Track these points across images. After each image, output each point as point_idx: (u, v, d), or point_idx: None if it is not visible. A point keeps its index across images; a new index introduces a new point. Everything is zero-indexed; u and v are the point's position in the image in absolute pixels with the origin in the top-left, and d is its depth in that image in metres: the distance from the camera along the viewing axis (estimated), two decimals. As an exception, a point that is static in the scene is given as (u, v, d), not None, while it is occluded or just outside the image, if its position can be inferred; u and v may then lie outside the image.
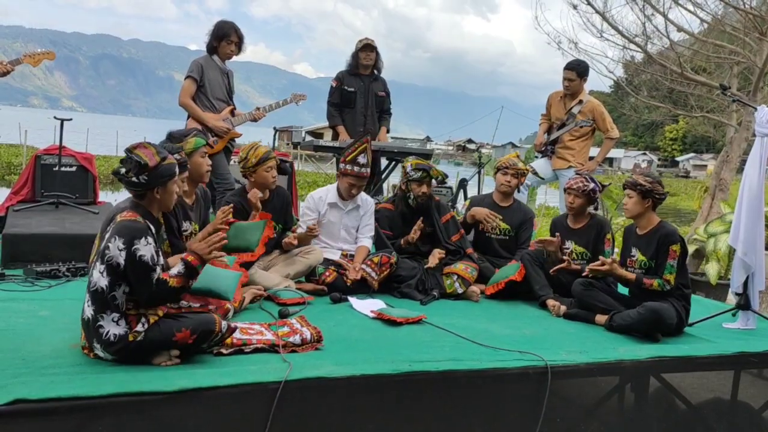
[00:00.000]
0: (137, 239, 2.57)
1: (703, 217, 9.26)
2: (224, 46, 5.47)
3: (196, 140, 3.76)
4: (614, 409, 3.50)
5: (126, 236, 2.57)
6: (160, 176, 2.73)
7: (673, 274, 3.87)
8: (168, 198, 2.82)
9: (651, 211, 4.01)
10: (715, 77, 11.48)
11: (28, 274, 4.10)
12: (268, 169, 4.26)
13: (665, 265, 3.88)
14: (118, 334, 2.59)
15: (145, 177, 2.69)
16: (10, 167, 21.13)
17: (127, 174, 2.69)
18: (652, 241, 3.96)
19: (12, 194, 5.90)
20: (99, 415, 2.31)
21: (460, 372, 2.96)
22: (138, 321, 2.63)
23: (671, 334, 3.85)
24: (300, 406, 2.63)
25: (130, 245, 2.56)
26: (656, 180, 4.02)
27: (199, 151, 3.73)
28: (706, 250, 6.73)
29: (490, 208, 5.00)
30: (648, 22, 9.98)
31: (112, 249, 2.57)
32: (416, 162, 4.73)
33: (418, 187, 4.68)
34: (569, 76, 6.17)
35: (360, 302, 4.07)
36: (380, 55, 6.60)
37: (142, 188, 2.72)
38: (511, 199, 5.09)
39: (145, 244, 2.59)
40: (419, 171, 4.65)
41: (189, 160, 3.64)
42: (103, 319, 2.58)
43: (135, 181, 2.70)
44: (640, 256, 4.01)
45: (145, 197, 2.76)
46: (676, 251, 3.88)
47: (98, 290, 2.59)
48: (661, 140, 76.12)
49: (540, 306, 4.42)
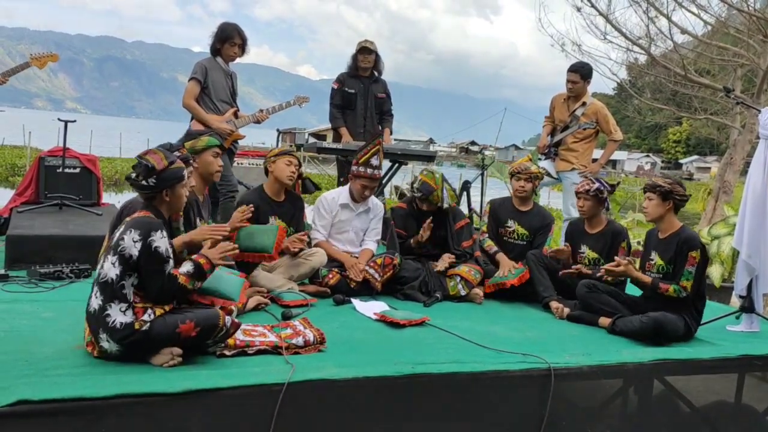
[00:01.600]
0: (153, 232, 2.69)
1: (706, 220, 9.25)
2: (228, 48, 5.48)
3: (209, 139, 3.83)
4: (618, 411, 3.50)
5: (142, 229, 2.69)
6: (168, 179, 2.87)
7: (691, 281, 3.79)
8: (177, 201, 2.96)
9: (672, 214, 3.93)
10: (719, 79, 11.47)
11: (32, 276, 4.11)
12: (287, 163, 4.33)
13: (683, 271, 3.81)
14: (125, 323, 2.62)
15: (153, 180, 2.84)
16: (14, 169, 21.20)
17: (137, 178, 2.84)
18: (671, 245, 3.90)
19: (16, 195, 5.92)
20: (102, 416, 2.31)
21: (463, 374, 2.95)
22: (144, 312, 2.68)
23: (676, 341, 3.80)
24: (303, 407, 2.63)
25: (146, 237, 2.67)
26: (676, 181, 3.95)
27: (210, 150, 3.79)
28: (709, 252, 6.72)
29: (509, 212, 4.96)
30: (652, 24, 10.00)
31: (126, 240, 2.66)
32: (422, 182, 4.70)
33: (420, 202, 4.74)
34: (573, 78, 6.16)
35: (363, 304, 4.07)
36: (380, 57, 6.60)
37: (152, 191, 2.87)
38: (531, 203, 5.04)
39: (161, 237, 2.71)
40: (419, 192, 4.69)
41: (199, 158, 3.69)
42: (110, 308, 2.63)
43: (145, 185, 2.84)
44: (658, 260, 3.96)
45: (155, 199, 2.90)
46: (695, 258, 3.80)
47: (108, 281, 2.64)
48: (664, 142, 76.05)
49: (543, 308, 4.41)
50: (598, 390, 3.46)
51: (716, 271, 6.46)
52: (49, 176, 5.83)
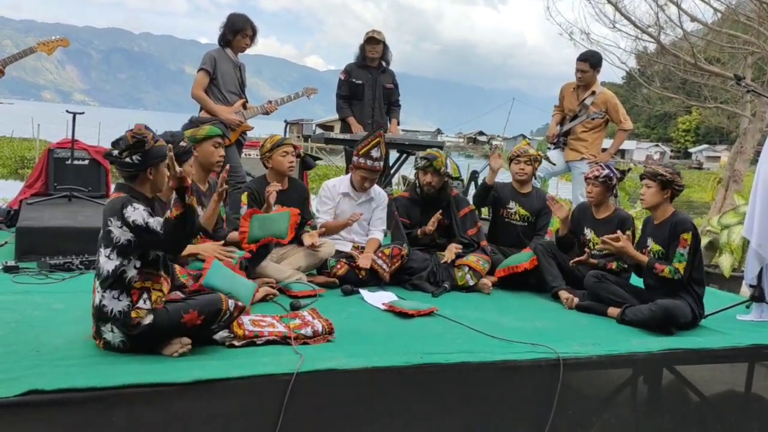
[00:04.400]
0: (125, 209, 2.61)
1: (716, 209, 9.21)
2: (239, 39, 5.49)
3: (211, 128, 3.80)
4: (627, 401, 3.49)
5: (117, 213, 2.62)
6: (153, 156, 2.76)
7: (683, 263, 3.81)
8: (160, 179, 2.83)
9: (668, 203, 3.97)
10: (729, 67, 11.38)
11: (42, 267, 4.13)
12: (283, 154, 4.31)
13: (675, 253, 3.84)
14: (122, 311, 2.63)
15: (139, 157, 2.73)
16: (24, 161, 21.29)
17: (121, 155, 2.73)
18: (665, 230, 3.93)
19: (26, 188, 5.95)
20: (112, 406, 2.32)
21: (472, 364, 2.95)
22: (140, 297, 2.66)
23: (685, 328, 3.82)
24: (312, 397, 2.63)
25: (123, 218, 2.61)
26: (676, 172, 3.98)
27: (212, 139, 3.77)
28: (719, 241, 6.68)
29: (510, 195, 5.05)
30: (661, 12, 9.92)
31: (114, 231, 2.62)
32: (428, 152, 4.73)
33: (423, 176, 4.69)
34: (582, 68, 6.13)
35: (371, 294, 4.07)
36: (388, 48, 6.58)
37: (135, 169, 2.75)
38: (530, 186, 5.13)
39: (133, 210, 2.62)
40: (423, 160, 4.67)
41: (199, 146, 3.67)
42: (104, 298, 2.64)
43: (129, 162, 2.73)
44: (654, 246, 3.98)
45: (138, 178, 2.78)
46: (687, 240, 3.81)
47: (104, 274, 2.64)
48: (674, 131, 75.58)
49: (552, 298, 4.40)
50: (607, 379, 3.45)
51: (726, 260, 6.42)
52: (58, 168, 5.85)
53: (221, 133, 3.85)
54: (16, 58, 4.70)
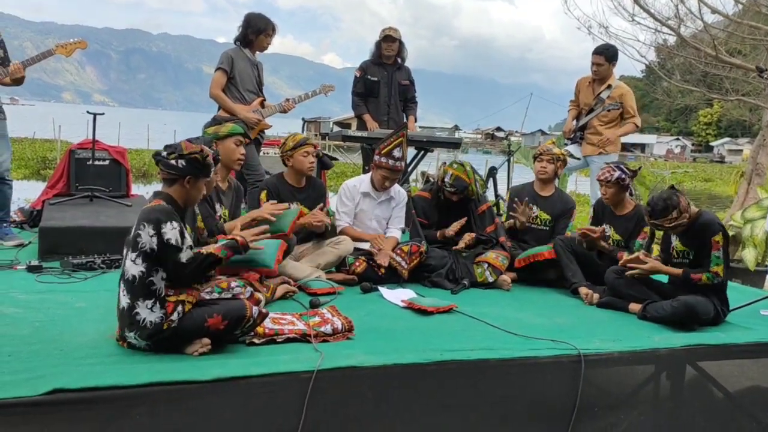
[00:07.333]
0: (163, 224, 2.65)
1: (739, 203, 9.08)
2: (262, 39, 5.53)
3: (233, 126, 3.84)
4: (650, 398, 3.45)
5: (154, 222, 2.65)
6: (195, 166, 2.80)
7: (720, 265, 3.76)
8: (195, 193, 2.88)
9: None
10: (751, 59, 11.19)
11: (65, 267, 4.18)
12: (304, 154, 4.32)
13: (711, 258, 3.77)
14: (154, 322, 2.64)
15: (183, 162, 2.77)
16: (45, 162, 21.56)
17: (169, 155, 2.78)
18: (689, 229, 3.85)
19: (48, 188, 6.02)
20: (135, 404, 2.34)
21: (492, 361, 2.94)
22: (174, 309, 2.68)
23: (707, 325, 3.76)
24: (332, 395, 2.64)
25: (158, 230, 2.63)
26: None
27: (233, 137, 3.80)
28: (742, 236, 6.60)
29: (530, 197, 4.94)
30: (681, 4, 9.80)
31: (143, 236, 2.64)
32: (455, 177, 4.59)
33: (450, 195, 4.66)
34: (597, 61, 6.08)
35: (390, 292, 4.07)
36: (404, 45, 6.57)
37: (177, 172, 2.79)
38: (552, 187, 5.03)
39: (171, 228, 2.65)
40: (454, 188, 4.59)
41: (221, 143, 3.71)
42: (138, 306, 2.64)
43: (173, 164, 2.78)
44: (679, 246, 3.92)
45: (176, 183, 2.82)
46: (719, 242, 3.76)
47: (130, 279, 2.65)
48: (695, 125, 74.74)
49: (572, 294, 4.37)
50: (630, 376, 3.42)
51: (750, 254, 6.34)
52: (80, 169, 5.91)
53: (243, 131, 3.87)
54: (35, 60, 4.72)
